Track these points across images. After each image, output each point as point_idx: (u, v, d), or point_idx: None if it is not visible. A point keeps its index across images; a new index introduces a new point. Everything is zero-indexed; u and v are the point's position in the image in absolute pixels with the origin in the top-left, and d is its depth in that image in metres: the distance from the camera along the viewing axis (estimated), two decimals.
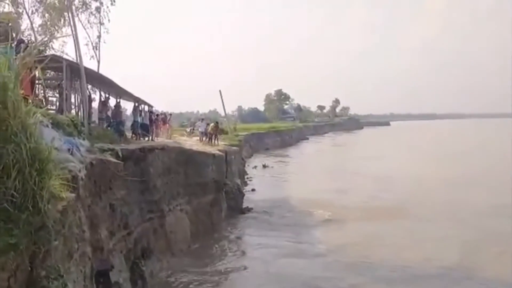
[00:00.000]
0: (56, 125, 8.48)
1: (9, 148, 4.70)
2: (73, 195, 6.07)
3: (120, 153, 13.23)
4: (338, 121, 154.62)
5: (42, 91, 14.54)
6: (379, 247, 19.27)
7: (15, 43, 8.32)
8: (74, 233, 6.65)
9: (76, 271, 6.84)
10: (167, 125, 30.18)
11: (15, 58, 5.72)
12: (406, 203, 28.29)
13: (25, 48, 7.78)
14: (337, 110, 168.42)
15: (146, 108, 26.05)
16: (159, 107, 33.02)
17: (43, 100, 12.55)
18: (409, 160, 53.27)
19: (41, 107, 7.13)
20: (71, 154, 7.88)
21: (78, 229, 6.94)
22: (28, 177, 4.83)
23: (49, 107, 14.50)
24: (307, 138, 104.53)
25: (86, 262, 7.84)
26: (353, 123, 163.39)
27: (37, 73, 8.26)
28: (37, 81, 8.16)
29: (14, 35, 7.78)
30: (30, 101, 5.82)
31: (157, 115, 28.11)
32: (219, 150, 26.33)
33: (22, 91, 5.37)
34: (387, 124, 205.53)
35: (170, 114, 35.50)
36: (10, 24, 6.81)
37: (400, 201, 28.89)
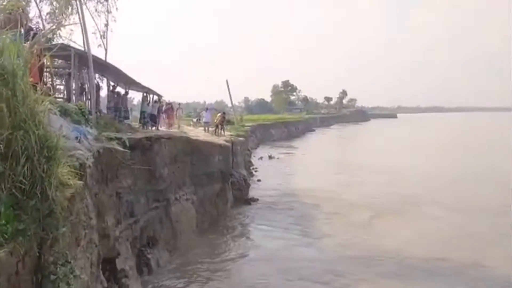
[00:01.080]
0: (64, 113, 8.53)
1: (18, 135, 4.75)
2: (81, 182, 6.12)
3: (127, 142, 13.30)
4: (345, 113, 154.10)
5: (50, 79, 14.63)
6: (387, 242, 19.04)
7: (24, 30, 8.33)
8: (81, 220, 6.70)
9: (83, 258, 6.91)
10: (176, 115, 30.24)
11: (24, 46, 5.74)
12: (415, 197, 28.09)
13: (34, 36, 7.82)
14: (344, 101, 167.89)
15: (156, 97, 26.17)
16: (167, 97, 33.28)
17: (51, 88, 12.59)
18: (416, 153, 52.51)
19: (49, 95, 7.17)
20: (79, 142, 7.94)
21: (85, 216, 7.00)
22: (37, 164, 4.88)
23: (56, 95, 14.58)
24: (314, 130, 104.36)
25: (93, 249, 7.90)
26: (360, 115, 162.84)
27: (45, 61, 8.32)
28: (45, 69, 8.20)
29: (24, 22, 7.79)
30: (38, 88, 5.84)
31: (168, 104, 28.21)
32: (225, 141, 26.35)
33: (31, 79, 5.41)
34: (394, 116, 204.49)
35: (179, 104, 35.61)
36: (20, 11, 6.82)
37: (409, 195, 28.71)
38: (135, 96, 26.27)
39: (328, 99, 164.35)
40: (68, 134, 7.39)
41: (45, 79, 9.79)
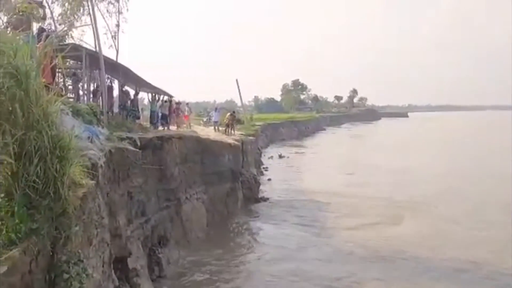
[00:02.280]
0: (76, 113, 8.59)
1: (31, 135, 4.79)
2: (93, 182, 6.16)
3: (138, 142, 13.37)
4: (355, 112, 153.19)
5: (61, 80, 14.76)
6: (401, 242, 18.93)
7: (37, 31, 8.41)
8: (94, 219, 6.75)
9: (95, 257, 6.95)
10: (182, 114, 29.94)
11: (37, 47, 5.79)
12: (429, 198, 27.81)
13: (46, 37, 7.89)
14: (355, 100, 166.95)
15: (165, 98, 26.31)
16: (177, 97, 33.48)
17: (63, 88, 12.69)
18: (428, 153, 51.53)
19: (61, 95, 7.22)
20: (91, 142, 7.99)
21: (97, 215, 7.04)
22: (50, 164, 4.91)
23: (68, 96, 14.69)
24: (324, 129, 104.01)
25: (104, 248, 7.95)
26: (370, 114, 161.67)
27: (57, 61, 8.38)
28: (58, 70, 8.26)
29: (36, 23, 7.86)
30: (51, 89, 5.89)
31: (177, 104, 28.05)
32: (235, 140, 26.36)
33: (43, 79, 5.46)
34: (405, 115, 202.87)
35: (187, 104, 35.41)
36: (34, 12, 6.90)
37: (421, 195, 28.47)
38: (145, 96, 26.26)
39: (338, 98, 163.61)
40: (80, 134, 7.44)
41: (57, 80, 9.86)
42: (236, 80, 46.20)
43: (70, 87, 17.24)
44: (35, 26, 8.61)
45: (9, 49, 4.65)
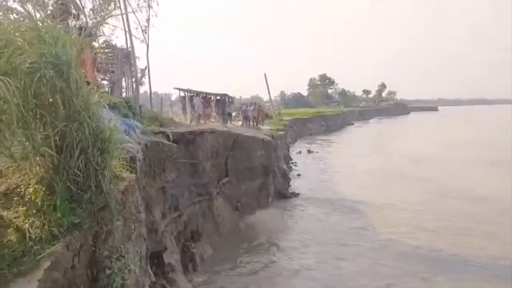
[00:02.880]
0: (112, 106, 8.51)
1: (73, 127, 4.66)
2: (133, 175, 6.04)
3: (170, 136, 13.30)
4: (384, 106, 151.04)
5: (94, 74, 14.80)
6: (441, 239, 18.43)
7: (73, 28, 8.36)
8: (132, 214, 6.64)
9: (133, 252, 6.85)
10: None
11: (77, 38, 5.67)
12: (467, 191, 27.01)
13: (80, 29, 7.81)
14: (383, 94, 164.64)
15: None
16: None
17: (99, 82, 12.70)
18: (472, 157, 42.72)
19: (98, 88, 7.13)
20: (127, 135, 7.89)
21: (136, 210, 6.93)
22: (91, 157, 4.79)
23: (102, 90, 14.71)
24: (352, 124, 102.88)
25: (141, 243, 7.85)
26: (399, 108, 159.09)
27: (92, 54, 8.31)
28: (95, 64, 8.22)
29: (75, 13, 7.80)
30: (91, 81, 5.78)
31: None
32: (266, 135, 26.16)
33: (84, 72, 5.34)
34: (435, 109, 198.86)
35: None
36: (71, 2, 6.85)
37: (460, 190, 27.68)
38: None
39: (366, 92, 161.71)
40: (118, 127, 7.34)
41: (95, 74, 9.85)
42: (265, 75, 46.09)
43: (104, 81, 17.32)
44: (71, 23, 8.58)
45: (50, 37, 4.52)
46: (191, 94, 27.82)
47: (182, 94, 28.93)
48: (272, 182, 24.72)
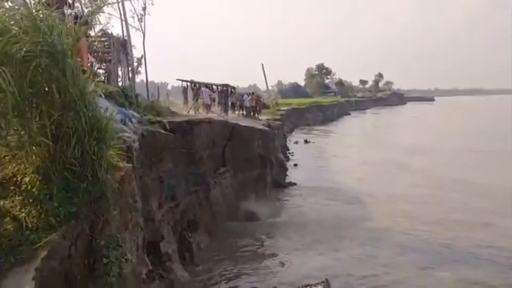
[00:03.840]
0: (108, 95, 8.47)
1: (69, 116, 4.65)
2: (129, 165, 6.03)
3: (167, 125, 13.27)
4: (380, 96, 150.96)
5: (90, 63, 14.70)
6: (440, 230, 18.37)
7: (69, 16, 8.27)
8: (129, 203, 6.65)
9: (130, 241, 6.87)
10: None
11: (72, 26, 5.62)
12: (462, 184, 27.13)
13: (76, 18, 7.73)
14: (380, 84, 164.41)
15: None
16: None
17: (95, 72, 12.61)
18: (471, 148, 42.16)
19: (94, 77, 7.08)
20: (124, 124, 7.87)
21: (132, 199, 6.94)
22: (87, 146, 4.79)
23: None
24: (349, 114, 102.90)
25: (138, 232, 7.87)
26: (396, 99, 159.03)
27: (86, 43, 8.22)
28: (91, 53, 8.16)
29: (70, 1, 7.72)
30: (86, 70, 5.74)
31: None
32: (264, 125, 26.11)
33: (79, 60, 5.31)
34: (432, 99, 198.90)
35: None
36: None
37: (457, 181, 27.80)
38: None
39: (363, 82, 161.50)
40: (114, 116, 7.32)
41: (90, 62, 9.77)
42: (262, 65, 45.77)
43: (101, 71, 17.23)
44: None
45: (45, 26, 4.48)
46: (194, 85, 28.50)
47: (184, 84, 29.54)
48: (269, 172, 24.72)
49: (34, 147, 4.64)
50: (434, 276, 14.19)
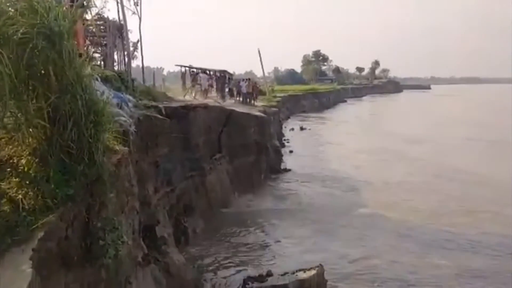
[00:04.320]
0: (105, 79, 8.45)
1: (65, 98, 4.65)
2: (126, 149, 6.05)
3: (163, 110, 13.26)
4: (377, 84, 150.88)
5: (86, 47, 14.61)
6: (436, 218, 18.62)
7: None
8: (125, 187, 6.68)
9: (126, 225, 6.91)
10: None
11: (69, 9, 5.59)
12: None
13: (72, 1, 7.68)
14: (377, 72, 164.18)
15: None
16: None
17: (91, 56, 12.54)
18: (466, 136, 42.06)
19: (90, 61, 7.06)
20: (120, 108, 7.86)
21: (128, 183, 6.97)
22: (84, 129, 4.79)
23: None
24: (345, 101, 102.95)
25: (134, 216, 7.93)
26: (392, 86, 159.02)
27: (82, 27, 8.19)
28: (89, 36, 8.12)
29: None
30: (82, 54, 5.73)
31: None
32: (260, 111, 26.11)
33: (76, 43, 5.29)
34: (428, 87, 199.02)
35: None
36: None
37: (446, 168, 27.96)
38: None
39: (360, 69, 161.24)
40: (110, 100, 7.32)
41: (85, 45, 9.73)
42: (258, 50, 45.51)
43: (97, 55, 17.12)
44: None
45: (42, 8, 4.46)
46: (192, 71, 28.79)
47: (182, 70, 29.84)
48: (265, 158, 24.78)
49: (31, 129, 4.64)
50: (429, 262, 14.40)
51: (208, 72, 31.27)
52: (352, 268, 13.85)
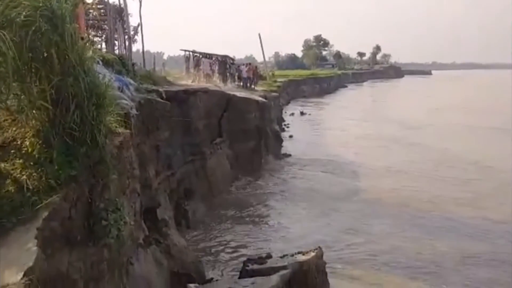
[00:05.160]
0: (106, 63, 8.49)
1: (68, 81, 4.71)
2: (127, 131, 6.13)
3: (163, 94, 13.29)
4: (378, 69, 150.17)
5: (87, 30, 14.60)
6: (436, 205, 18.54)
7: None
8: (127, 169, 6.77)
9: (127, 206, 7.01)
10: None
11: None
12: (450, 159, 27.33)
13: None
14: (378, 57, 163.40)
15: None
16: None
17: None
18: (467, 123, 41.82)
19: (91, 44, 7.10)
20: (121, 92, 7.92)
21: (130, 166, 7.05)
22: (86, 111, 4.86)
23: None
24: (346, 86, 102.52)
25: (136, 198, 8.02)
26: (393, 71, 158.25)
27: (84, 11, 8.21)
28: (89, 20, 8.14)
29: None
30: (84, 37, 5.77)
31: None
32: (261, 96, 26.09)
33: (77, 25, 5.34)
34: (429, 73, 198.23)
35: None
36: None
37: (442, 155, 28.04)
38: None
39: (361, 54, 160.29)
40: (112, 83, 7.36)
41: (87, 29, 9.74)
42: (259, 35, 45.37)
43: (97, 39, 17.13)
44: None
45: None
46: (195, 55, 29.50)
47: (186, 54, 30.83)
48: (264, 143, 24.82)
49: (34, 111, 4.71)
50: (428, 246, 14.48)
51: (210, 56, 31.55)
52: (352, 252, 13.98)
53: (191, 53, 31.28)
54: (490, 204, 18.40)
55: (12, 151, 4.75)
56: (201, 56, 30.87)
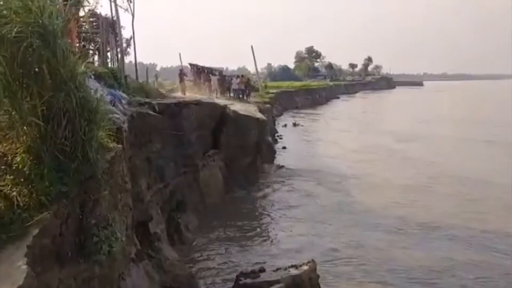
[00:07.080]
0: (98, 76, 8.48)
1: (59, 97, 4.70)
2: (119, 146, 6.10)
3: (156, 107, 13.30)
4: (369, 80, 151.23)
5: (78, 44, 14.59)
6: (429, 216, 18.43)
7: None
8: (119, 183, 6.73)
9: (119, 221, 6.96)
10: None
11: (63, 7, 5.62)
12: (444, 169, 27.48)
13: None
14: (369, 68, 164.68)
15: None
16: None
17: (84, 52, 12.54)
18: (459, 135, 41.81)
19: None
20: (113, 106, 7.90)
21: (122, 180, 7.01)
22: (78, 127, 4.85)
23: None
24: (338, 97, 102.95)
25: (128, 212, 7.97)
26: (385, 83, 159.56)
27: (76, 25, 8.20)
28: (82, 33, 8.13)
29: None
30: (76, 51, 5.76)
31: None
32: (259, 107, 26.01)
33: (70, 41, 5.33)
34: (421, 84, 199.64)
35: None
36: None
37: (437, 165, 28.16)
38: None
39: (353, 66, 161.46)
40: (104, 97, 7.35)
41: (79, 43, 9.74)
42: (251, 47, 45.66)
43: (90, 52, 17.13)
44: None
45: (36, 7, 4.50)
46: (197, 68, 30.94)
47: (186, 65, 33.22)
48: (259, 157, 24.65)
49: (25, 127, 4.69)
50: (422, 258, 14.36)
51: (214, 72, 33.94)
52: (345, 265, 13.89)
53: (187, 65, 32.69)
54: (487, 216, 18.36)
55: (3, 167, 4.71)
56: (202, 69, 33.38)
